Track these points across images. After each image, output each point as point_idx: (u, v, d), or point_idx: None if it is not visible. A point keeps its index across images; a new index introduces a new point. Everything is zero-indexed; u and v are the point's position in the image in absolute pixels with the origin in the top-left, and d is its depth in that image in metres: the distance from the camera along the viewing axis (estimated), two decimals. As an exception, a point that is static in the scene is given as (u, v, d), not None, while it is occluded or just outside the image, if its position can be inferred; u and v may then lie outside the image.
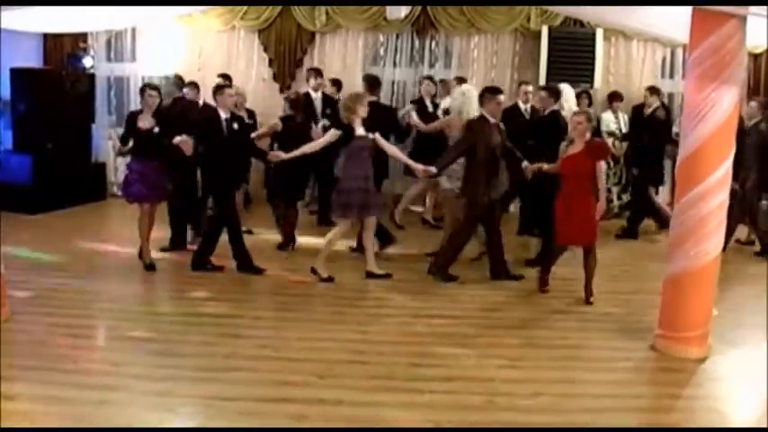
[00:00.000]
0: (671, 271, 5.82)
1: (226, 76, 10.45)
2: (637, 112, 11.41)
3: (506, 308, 6.97)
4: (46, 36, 11.85)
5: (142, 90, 7.89)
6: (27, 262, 7.78)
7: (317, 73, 10.81)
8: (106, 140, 11.87)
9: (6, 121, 10.82)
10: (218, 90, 7.74)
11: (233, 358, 5.49)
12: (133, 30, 11.99)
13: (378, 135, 7.59)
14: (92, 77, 11.55)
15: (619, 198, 11.34)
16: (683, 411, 4.95)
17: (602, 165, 6.98)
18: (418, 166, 7.68)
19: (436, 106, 10.28)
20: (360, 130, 7.47)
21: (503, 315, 6.72)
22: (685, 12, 5.63)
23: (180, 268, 7.76)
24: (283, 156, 7.76)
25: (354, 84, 11.48)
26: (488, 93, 7.79)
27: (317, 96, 10.57)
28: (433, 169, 7.57)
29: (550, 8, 11.22)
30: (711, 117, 5.47)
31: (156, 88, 7.84)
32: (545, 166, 7.31)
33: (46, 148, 10.55)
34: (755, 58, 11.65)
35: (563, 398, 5.01)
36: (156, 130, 7.57)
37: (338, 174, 8.07)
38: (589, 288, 7.10)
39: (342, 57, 11.90)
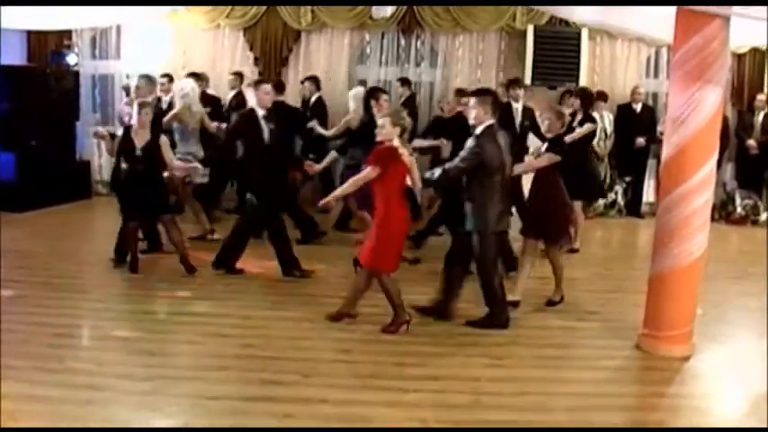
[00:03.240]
0: (655, 270, 5.84)
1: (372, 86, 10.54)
2: (622, 111, 11.51)
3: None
4: (30, 33, 11.77)
5: (375, 95, 8.03)
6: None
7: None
8: (90, 138, 11.81)
9: (-10, 118, 10.74)
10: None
11: (218, 357, 5.48)
12: (118, 27, 11.96)
13: None
14: (76, 75, 11.48)
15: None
16: (668, 410, 4.98)
17: (367, 170, 5.99)
18: None
19: None
20: None
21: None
22: (670, 11, 5.66)
23: (160, 267, 7.71)
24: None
25: (340, 82, 11.53)
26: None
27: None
28: None
29: (536, 7, 11.26)
30: (695, 117, 5.49)
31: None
32: None
33: (30, 145, 10.49)
34: (739, 58, 11.73)
35: (548, 396, 5.03)
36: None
37: None
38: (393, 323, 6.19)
39: (327, 55, 11.88)
